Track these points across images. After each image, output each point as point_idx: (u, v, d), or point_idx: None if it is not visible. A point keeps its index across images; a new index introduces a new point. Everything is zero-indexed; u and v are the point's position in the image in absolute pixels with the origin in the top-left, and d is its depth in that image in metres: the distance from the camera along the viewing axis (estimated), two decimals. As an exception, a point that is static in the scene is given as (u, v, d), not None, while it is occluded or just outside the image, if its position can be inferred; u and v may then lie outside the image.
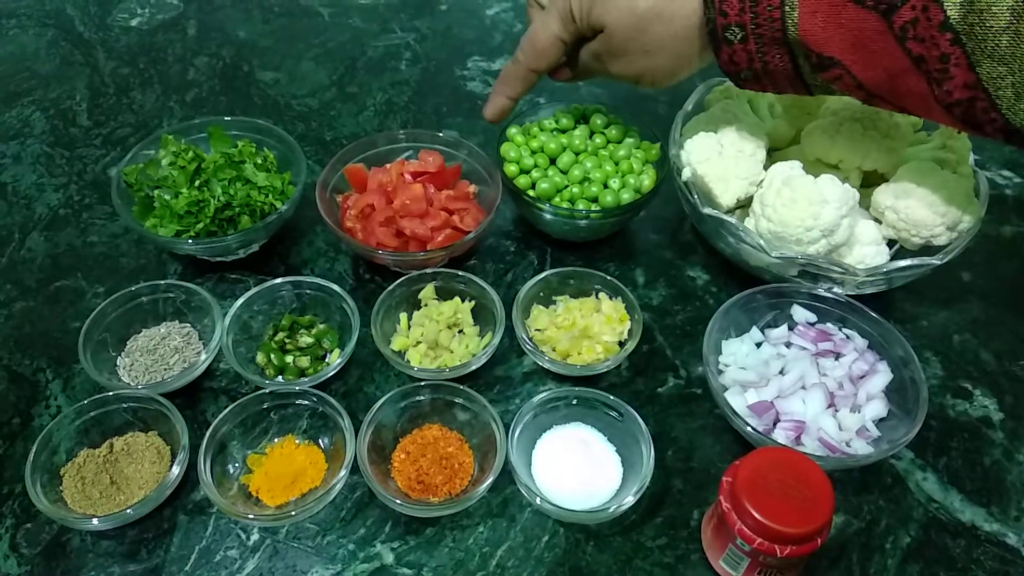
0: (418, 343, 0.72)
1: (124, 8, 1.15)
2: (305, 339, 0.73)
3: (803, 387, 0.68)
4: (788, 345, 0.72)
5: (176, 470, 0.62)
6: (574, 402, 0.67)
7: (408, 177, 0.81)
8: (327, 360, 0.73)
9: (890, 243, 0.75)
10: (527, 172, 0.79)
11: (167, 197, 0.77)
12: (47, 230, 0.85)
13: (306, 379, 0.69)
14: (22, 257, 0.83)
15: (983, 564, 0.62)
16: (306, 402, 0.67)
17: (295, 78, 1.05)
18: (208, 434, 0.64)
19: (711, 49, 0.64)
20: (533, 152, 0.80)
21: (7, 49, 1.08)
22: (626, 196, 0.77)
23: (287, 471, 0.65)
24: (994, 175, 0.93)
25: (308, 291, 0.76)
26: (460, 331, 0.74)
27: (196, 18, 1.14)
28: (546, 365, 0.71)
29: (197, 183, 0.77)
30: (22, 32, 1.11)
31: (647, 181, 0.78)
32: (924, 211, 0.71)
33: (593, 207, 0.78)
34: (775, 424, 0.67)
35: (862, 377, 0.69)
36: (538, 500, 0.61)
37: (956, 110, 0.58)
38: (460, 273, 0.75)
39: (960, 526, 0.65)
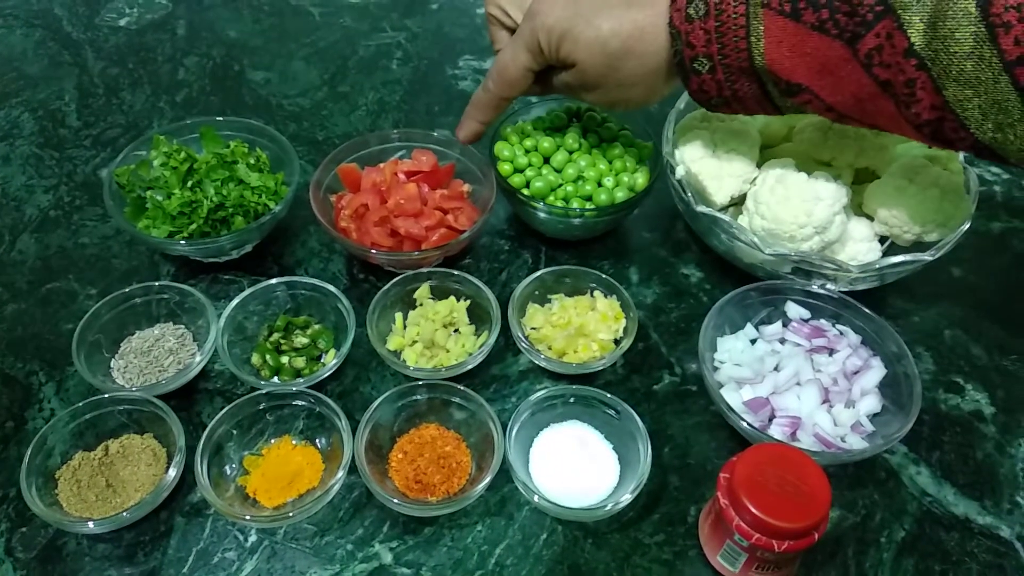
0: (414, 343, 0.72)
1: (112, 8, 1.14)
2: (300, 340, 0.72)
3: (798, 383, 0.69)
4: (782, 341, 0.72)
5: (172, 472, 0.62)
6: (571, 400, 0.68)
7: (402, 176, 0.81)
8: (323, 360, 0.72)
9: (882, 240, 0.76)
10: (521, 171, 0.79)
11: (159, 198, 0.76)
12: (37, 232, 0.85)
13: (302, 380, 0.69)
14: (12, 259, 0.82)
15: (977, 557, 0.63)
16: (302, 403, 0.67)
17: (286, 78, 1.04)
18: (204, 436, 0.63)
19: (681, 78, 0.65)
20: (527, 151, 0.80)
21: (-6, 50, 1.07)
22: (620, 195, 0.78)
23: (284, 472, 0.65)
24: (983, 171, 0.93)
25: (303, 291, 0.75)
26: (456, 330, 0.74)
27: (185, 18, 1.13)
28: (542, 363, 0.71)
29: (189, 184, 0.77)
30: (9, 32, 1.10)
31: (641, 179, 0.79)
32: (914, 208, 0.72)
33: (587, 206, 0.78)
34: (771, 420, 0.67)
35: (856, 373, 0.69)
36: (536, 498, 0.61)
37: (926, 129, 0.59)
38: (455, 272, 0.75)
39: (954, 519, 0.65)
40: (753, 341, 0.73)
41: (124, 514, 0.60)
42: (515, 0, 0.72)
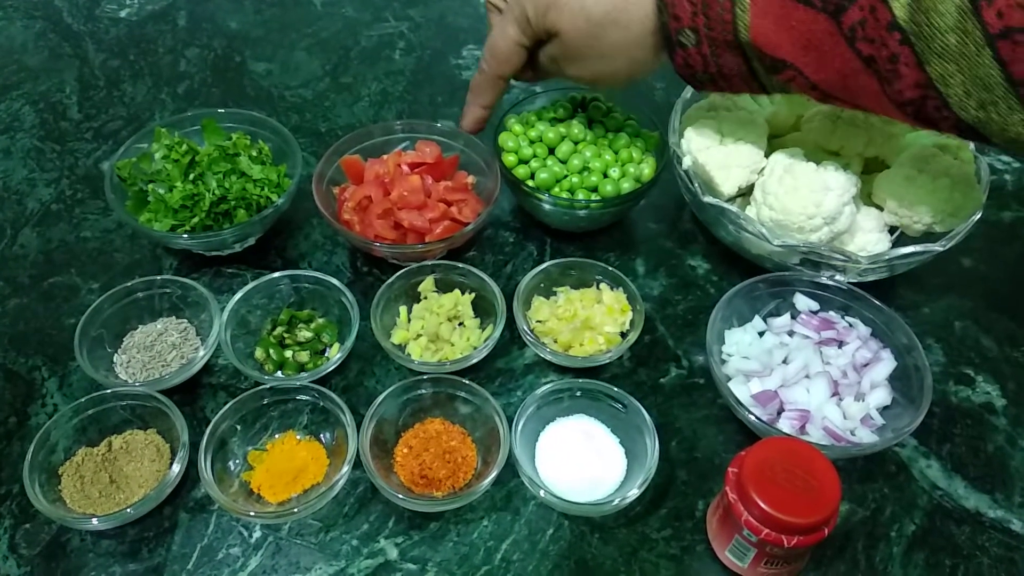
0: (418, 336, 0.72)
1: (113, -1, 1.14)
2: (304, 333, 0.72)
3: (807, 376, 0.68)
4: (791, 334, 0.72)
5: (176, 468, 0.62)
6: (577, 394, 0.67)
7: (405, 168, 0.80)
8: (327, 355, 0.72)
9: (891, 230, 0.75)
10: (526, 162, 0.79)
11: (161, 191, 0.76)
12: (39, 226, 0.84)
13: (306, 374, 0.68)
14: (14, 253, 0.82)
15: (988, 551, 0.62)
16: (306, 397, 0.67)
17: (288, 69, 1.03)
18: (208, 431, 0.63)
19: (666, 52, 0.64)
20: (532, 142, 0.79)
21: (-6, 42, 1.07)
22: (626, 185, 0.77)
23: (288, 467, 0.64)
24: (994, 160, 0.92)
25: (306, 285, 0.75)
26: (460, 324, 0.73)
27: (186, 8, 1.12)
28: (548, 357, 0.71)
29: (192, 176, 0.76)
30: (9, 24, 1.09)
31: (647, 170, 0.78)
32: (924, 197, 0.71)
33: (593, 197, 0.77)
34: (779, 414, 0.67)
35: (866, 365, 0.68)
36: (542, 493, 0.61)
37: (909, 108, 0.58)
38: (459, 265, 0.74)
39: (965, 513, 0.64)
40: (761, 333, 0.72)
41: (128, 510, 0.59)
42: None
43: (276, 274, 0.74)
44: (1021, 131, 0.55)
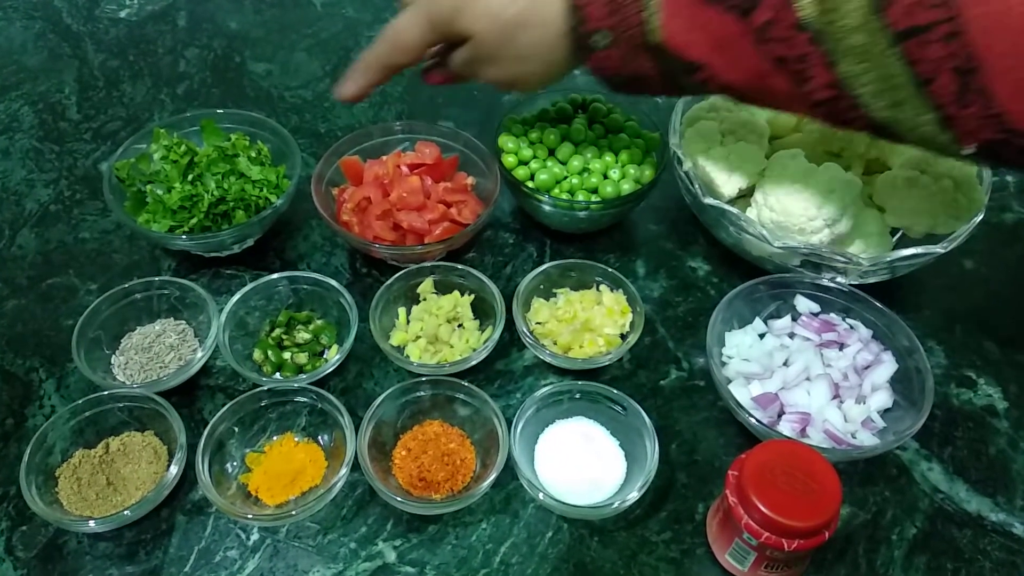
0: (417, 338, 0.71)
1: (112, -1, 1.13)
2: (303, 335, 0.72)
3: (807, 378, 0.68)
4: (792, 336, 0.71)
5: (174, 470, 0.61)
6: (577, 396, 0.67)
7: (405, 169, 0.79)
8: (325, 356, 0.72)
9: (892, 232, 0.74)
10: (525, 163, 0.78)
11: (160, 192, 0.75)
12: (37, 226, 0.84)
13: (304, 376, 0.68)
14: (12, 254, 0.81)
15: (990, 555, 0.62)
16: (305, 399, 0.66)
17: (288, 69, 1.03)
18: (206, 433, 0.63)
19: (580, 55, 0.63)
20: (531, 143, 0.79)
21: (-6, 42, 1.07)
22: (626, 187, 0.76)
23: (286, 469, 0.64)
24: (995, 162, 0.92)
25: (305, 286, 0.75)
26: (460, 325, 0.73)
27: (186, 9, 1.12)
28: (547, 359, 0.70)
29: (190, 177, 0.76)
30: (9, 25, 1.09)
31: (647, 171, 0.77)
32: (926, 199, 0.70)
33: (593, 198, 0.77)
34: (780, 416, 0.66)
35: (867, 367, 0.68)
36: (541, 496, 0.61)
37: (821, 109, 0.57)
38: (459, 266, 0.74)
39: (966, 516, 0.64)
40: (762, 336, 0.72)
41: (125, 512, 0.59)
42: None
43: (275, 275, 0.74)
44: (931, 130, 0.54)
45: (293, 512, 0.60)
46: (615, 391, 0.65)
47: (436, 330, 0.71)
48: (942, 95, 0.52)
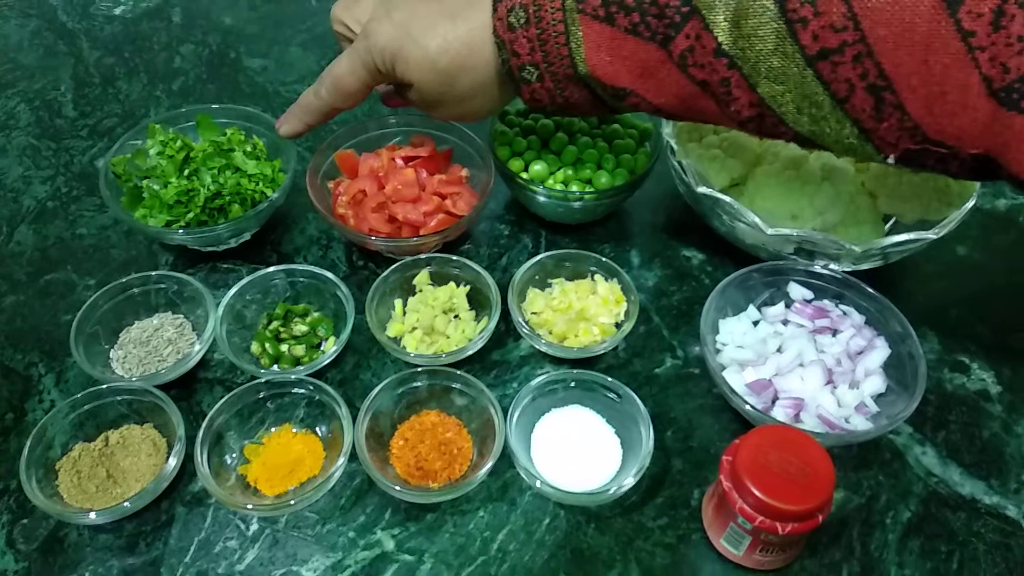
0: (414, 329, 0.72)
1: (107, -4, 1.14)
2: (300, 327, 0.72)
3: (801, 364, 0.68)
4: (785, 323, 0.72)
5: (173, 462, 0.62)
6: (572, 384, 0.67)
7: (399, 162, 0.80)
8: (322, 348, 0.72)
9: (885, 218, 0.75)
10: (520, 154, 0.79)
11: (156, 187, 0.76)
12: (35, 223, 0.84)
13: (302, 368, 0.69)
14: (11, 251, 0.82)
15: (984, 537, 0.63)
16: (302, 391, 0.67)
17: (283, 64, 1.03)
18: (204, 425, 0.63)
19: (513, 89, 0.65)
20: (525, 134, 0.79)
21: (-11, 40, 1.07)
22: (620, 177, 0.77)
23: (285, 460, 0.64)
24: (988, 148, 0.92)
25: (301, 279, 0.75)
26: (456, 316, 0.73)
27: (181, 5, 1.12)
28: (543, 348, 0.71)
29: (186, 172, 0.76)
30: (3, 23, 1.09)
31: (640, 161, 0.78)
32: (918, 186, 0.71)
33: (587, 189, 0.77)
34: (774, 402, 0.67)
35: (860, 353, 0.68)
36: (538, 483, 0.61)
37: (750, 125, 0.59)
38: (454, 258, 0.75)
39: (960, 499, 0.65)
40: (755, 323, 0.72)
41: (125, 504, 0.60)
42: (354, 15, 0.70)
43: (271, 269, 0.74)
44: (854, 142, 0.56)
45: (292, 502, 0.60)
46: (610, 379, 0.66)
47: (432, 321, 0.71)
48: (859, 111, 0.54)
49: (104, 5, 1.12)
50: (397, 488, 0.61)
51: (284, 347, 0.71)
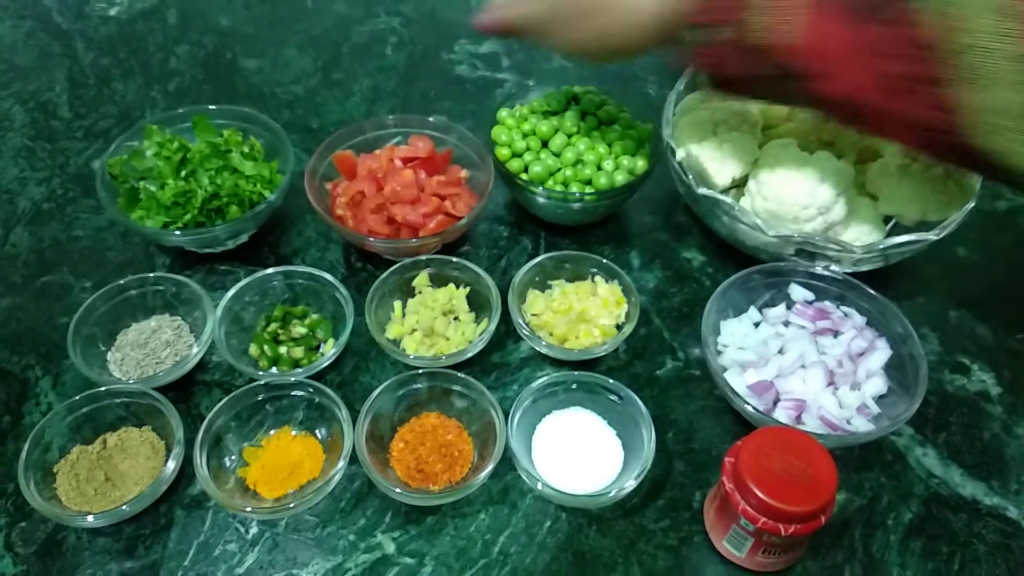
0: (413, 331, 0.71)
1: (102, -3, 1.13)
2: (298, 329, 0.72)
3: (803, 366, 0.68)
4: (786, 324, 0.72)
5: (171, 465, 0.61)
6: (573, 386, 0.67)
7: (398, 163, 0.79)
8: (321, 350, 0.72)
9: (886, 220, 0.75)
10: (519, 155, 0.78)
11: (153, 188, 0.75)
12: (31, 225, 0.84)
13: (301, 370, 0.68)
14: (6, 253, 0.81)
15: (984, 538, 0.62)
16: (301, 393, 0.66)
17: (279, 65, 1.03)
18: (203, 428, 0.63)
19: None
20: (525, 135, 0.79)
21: (-17, 41, 1.06)
22: (620, 178, 0.77)
23: (284, 463, 0.64)
24: (986, 149, 0.92)
25: (300, 281, 0.75)
26: (455, 318, 0.73)
27: (176, 6, 1.12)
28: (543, 350, 0.71)
29: (183, 173, 0.76)
30: (-2, 23, 1.09)
31: (641, 162, 0.77)
32: (918, 187, 0.71)
33: (587, 190, 0.77)
34: (775, 403, 0.67)
35: (861, 354, 0.68)
36: (539, 486, 0.61)
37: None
38: (454, 259, 0.74)
39: (961, 501, 0.65)
40: (757, 324, 0.72)
41: (124, 507, 0.59)
42: None
43: (269, 270, 0.74)
44: None
45: (291, 505, 0.60)
46: (611, 381, 0.65)
47: (432, 323, 0.71)
48: None
49: (99, 6, 1.12)
50: (397, 491, 0.60)
51: (283, 349, 0.70)
